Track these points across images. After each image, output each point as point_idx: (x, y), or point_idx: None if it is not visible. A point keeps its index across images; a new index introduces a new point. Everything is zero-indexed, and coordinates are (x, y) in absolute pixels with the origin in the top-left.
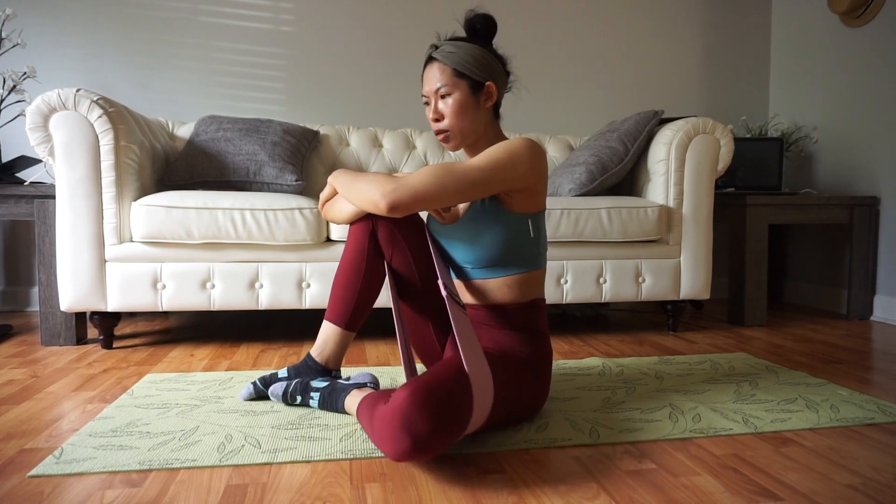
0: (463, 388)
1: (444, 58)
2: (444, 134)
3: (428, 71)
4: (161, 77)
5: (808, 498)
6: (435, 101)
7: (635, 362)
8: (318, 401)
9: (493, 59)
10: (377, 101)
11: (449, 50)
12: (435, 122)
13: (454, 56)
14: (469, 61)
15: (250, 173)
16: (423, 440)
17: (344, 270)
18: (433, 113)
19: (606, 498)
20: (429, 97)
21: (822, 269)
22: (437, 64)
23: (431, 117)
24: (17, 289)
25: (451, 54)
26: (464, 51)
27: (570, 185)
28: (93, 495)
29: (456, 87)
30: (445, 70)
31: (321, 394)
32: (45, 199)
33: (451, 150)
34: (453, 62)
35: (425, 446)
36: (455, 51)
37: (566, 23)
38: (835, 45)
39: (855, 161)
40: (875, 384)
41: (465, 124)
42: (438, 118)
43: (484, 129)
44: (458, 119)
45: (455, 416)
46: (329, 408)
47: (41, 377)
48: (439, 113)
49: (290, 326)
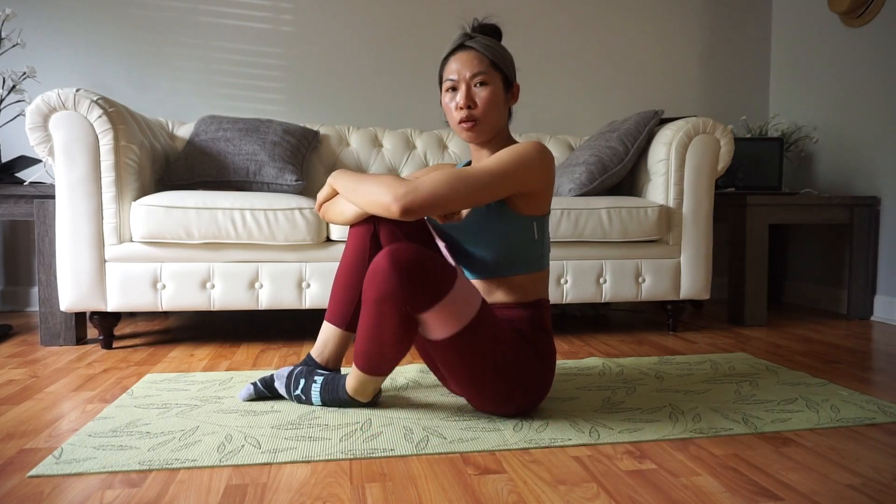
0: (448, 265)
1: (483, 48)
2: (472, 122)
3: (461, 56)
4: (161, 77)
5: (808, 498)
6: (468, 87)
7: (635, 362)
8: (320, 385)
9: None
10: (377, 101)
11: (486, 43)
12: (465, 108)
13: (492, 49)
14: (505, 58)
15: (250, 173)
16: (408, 271)
17: (344, 271)
18: (465, 98)
19: (606, 498)
20: (458, 82)
21: (822, 269)
22: (473, 52)
23: (462, 103)
24: (17, 289)
25: (489, 47)
26: (500, 47)
27: (570, 185)
28: (93, 495)
29: (493, 78)
30: (484, 60)
31: (325, 378)
32: (44, 199)
33: (470, 140)
34: (491, 54)
35: (412, 283)
36: (492, 45)
37: (566, 23)
38: (835, 45)
39: (855, 161)
40: (875, 384)
41: (494, 117)
42: (471, 104)
43: (503, 128)
44: (490, 110)
45: (437, 269)
46: (331, 392)
47: (41, 377)
48: (472, 99)
49: (290, 326)
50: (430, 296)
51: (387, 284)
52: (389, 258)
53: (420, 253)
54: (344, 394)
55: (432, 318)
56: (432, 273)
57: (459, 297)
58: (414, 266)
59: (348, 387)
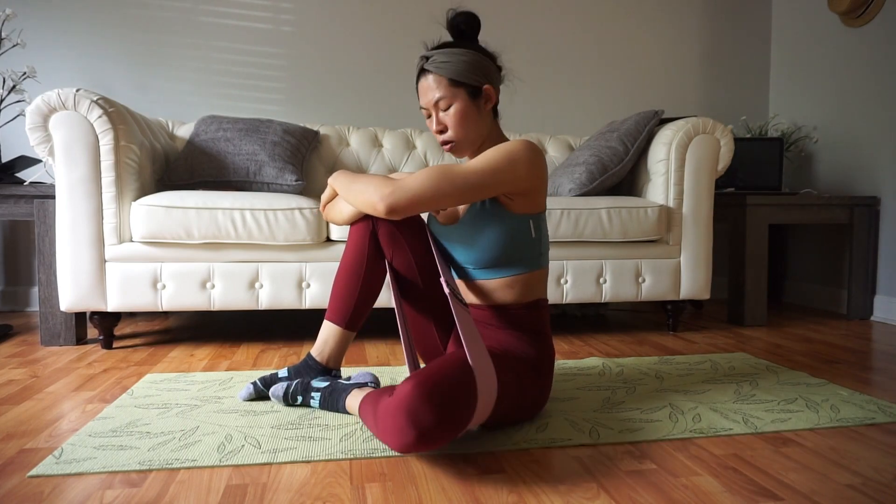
0: (467, 381)
1: (438, 69)
2: (450, 144)
3: (422, 84)
4: (161, 77)
5: (808, 498)
6: (436, 113)
7: (635, 362)
8: (318, 401)
9: (485, 60)
10: (377, 101)
11: (441, 60)
12: (439, 133)
13: (448, 66)
14: (463, 68)
15: (250, 173)
16: (428, 431)
17: (344, 270)
18: (436, 125)
19: (606, 498)
20: (428, 109)
21: (822, 269)
22: (431, 76)
23: (435, 129)
24: (17, 289)
25: (445, 64)
26: (456, 58)
27: (570, 185)
28: (93, 495)
29: (455, 96)
30: (441, 81)
31: (322, 394)
32: (44, 199)
33: (459, 158)
34: (448, 72)
35: (430, 438)
36: (447, 60)
37: (566, 23)
38: (835, 45)
39: (855, 161)
40: (875, 384)
41: (469, 132)
42: (442, 130)
43: (488, 131)
44: (462, 128)
45: (459, 407)
46: (330, 408)
47: (41, 377)
48: (442, 125)
49: (290, 326)
50: (459, 425)
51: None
52: (415, 430)
53: (438, 401)
54: (344, 410)
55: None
56: (459, 412)
57: (483, 397)
58: (437, 428)
59: (349, 407)
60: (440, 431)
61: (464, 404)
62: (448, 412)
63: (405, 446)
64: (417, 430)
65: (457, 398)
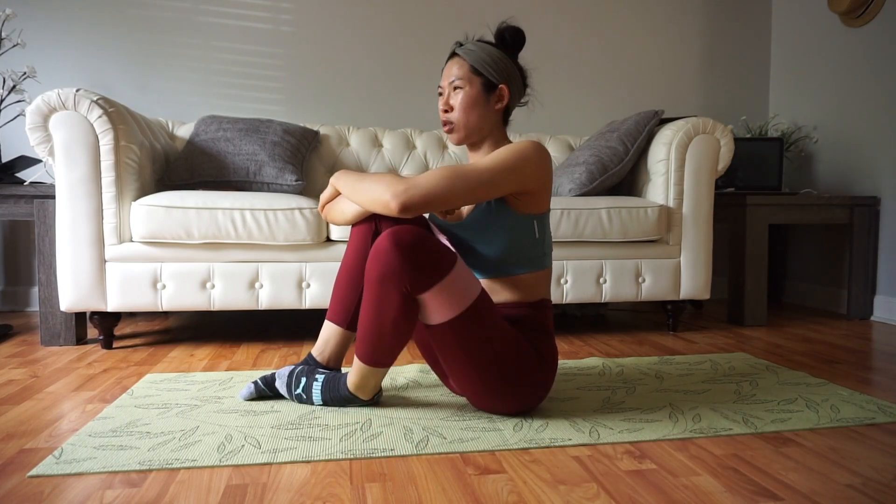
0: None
1: (465, 54)
2: (449, 125)
3: (448, 65)
4: (161, 77)
5: (808, 498)
6: (448, 93)
7: (635, 362)
8: (321, 383)
9: (513, 67)
10: (377, 101)
11: (471, 48)
12: (444, 112)
13: (474, 54)
14: (487, 61)
15: (250, 173)
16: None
17: (346, 271)
18: (443, 104)
19: (606, 498)
20: (443, 88)
21: (822, 269)
22: (457, 59)
23: (441, 107)
24: (17, 289)
25: (472, 52)
26: (484, 51)
27: (570, 185)
28: (93, 495)
29: (469, 82)
30: (464, 66)
31: (326, 377)
32: (44, 199)
33: (453, 143)
34: (472, 59)
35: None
36: (475, 49)
37: (566, 23)
38: (835, 45)
39: (855, 161)
40: (875, 384)
41: (470, 119)
42: (447, 109)
43: (490, 130)
44: (464, 113)
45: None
46: (332, 390)
47: (41, 377)
48: (449, 104)
49: (290, 326)
50: (430, 275)
51: (389, 263)
52: (391, 238)
53: (421, 234)
54: (345, 390)
55: (432, 300)
56: (432, 254)
57: (459, 281)
58: (415, 245)
59: (349, 382)
60: (421, 260)
61: (441, 254)
62: (429, 239)
63: (390, 270)
64: (400, 251)
65: (435, 243)
